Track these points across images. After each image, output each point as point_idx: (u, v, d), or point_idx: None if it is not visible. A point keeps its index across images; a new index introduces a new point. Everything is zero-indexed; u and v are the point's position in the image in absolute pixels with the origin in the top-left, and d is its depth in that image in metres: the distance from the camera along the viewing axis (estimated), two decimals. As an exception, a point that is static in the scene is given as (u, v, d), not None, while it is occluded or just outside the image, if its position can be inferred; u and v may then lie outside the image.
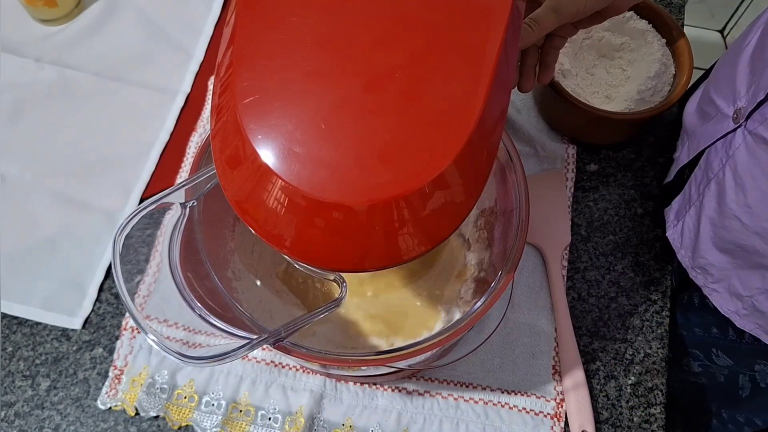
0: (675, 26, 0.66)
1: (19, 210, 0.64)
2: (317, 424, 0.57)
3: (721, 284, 0.58)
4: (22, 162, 0.67)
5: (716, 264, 0.57)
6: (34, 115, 0.69)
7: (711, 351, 0.65)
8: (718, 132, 0.56)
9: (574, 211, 0.66)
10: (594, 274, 0.64)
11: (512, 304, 0.62)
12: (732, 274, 0.56)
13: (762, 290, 0.54)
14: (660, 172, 0.68)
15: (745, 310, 0.56)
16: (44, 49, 0.72)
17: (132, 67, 0.72)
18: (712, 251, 0.57)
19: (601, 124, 0.64)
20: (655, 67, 0.65)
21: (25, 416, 0.57)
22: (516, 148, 0.49)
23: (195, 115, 0.70)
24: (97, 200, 0.65)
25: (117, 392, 0.57)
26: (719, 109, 0.57)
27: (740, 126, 0.52)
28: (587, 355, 0.60)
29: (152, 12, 0.75)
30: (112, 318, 0.61)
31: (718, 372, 0.66)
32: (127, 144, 0.68)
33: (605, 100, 0.65)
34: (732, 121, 0.54)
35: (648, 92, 0.64)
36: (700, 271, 0.59)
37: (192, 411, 0.57)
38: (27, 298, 0.61)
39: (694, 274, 0.60)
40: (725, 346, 0.63)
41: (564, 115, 0.66)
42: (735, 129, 0.53)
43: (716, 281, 0.58)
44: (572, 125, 0.67)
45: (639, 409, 0.59)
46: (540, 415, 0.58)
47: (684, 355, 0.66)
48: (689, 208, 0.59)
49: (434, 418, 0.57)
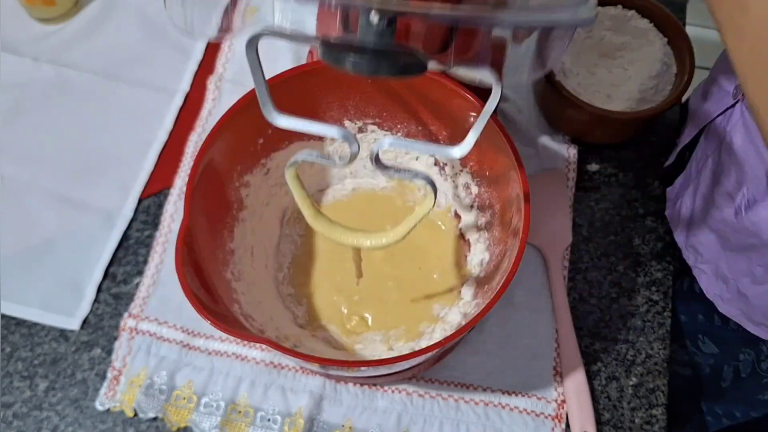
0: (676, 25, 0.66)
1: (17, 210, 0.64)
2: (317, 426, 0.57)
3: (708, 266, 0.58)
4: (20, 162, 0.66)
5: (706, 244, 0.58)
6: (32, 114, 0.69)
7: (698, 338, 0.66)
8: (717, 108, 0.56)
9: (576, 211, 0.66)
10: (595, 274, 0.63)
11: (513, 305, 0.61)
12: (720, 256, 0.57)
13: (746, 273, 0.54)
14: (662, 172, 0.68)
15: (728, 294, 0.57)
16: (42, 48, 0.72)
17: (131, 67, 0.72)
18: (704, 231, 0.58)
19: (603, 123, 0.64)
20: (656, 66, 0.64)
21: (24, 417, 0.57)
22: (517, 147, 0.48)
23: (194, 115, 0.69)
24: (95, 200, 0.65)
25: (115, 393, 0.57)
26: (721, 86, 0.57)
27: (738, 101, 0.53)
28: (588, 356, 0.60)
29: (151, 11, 0.75)
30: (110, 319, 0.60)
31: (703, 362, 0.66)
32: (126, 143, 0.68)
33: (607, 99, 0.64)
34: (731, 97, 0.54)
35: (650, 92, 0.64)
36: (691, 251, 0.60)
37: (191, 412, 0.56)
38: (25, 299, 0.60)
39: (686, 253, 0.60)
40: (711, 333, 0.64)
41: (565, 114, 0.66)
42: (734, 104, 0.53)
43: (705, 262, 0.59)
44: (574, 125, 0.67)
45: (640, 411, 0.58)
46: (541, 416, 0.57)
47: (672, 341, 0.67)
48: (688, 187, 0.60)
49: (434, 419, 0.57)
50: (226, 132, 0.49)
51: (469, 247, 0.60)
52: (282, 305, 0.58)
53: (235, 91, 0.70)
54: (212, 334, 0.59)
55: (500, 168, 0.52)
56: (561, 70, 0.65)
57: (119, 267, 0.62)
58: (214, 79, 0.70)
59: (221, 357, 0.59)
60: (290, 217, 0.61)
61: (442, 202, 0.62)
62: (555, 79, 0.63)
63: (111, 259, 0.62)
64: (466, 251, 0.60)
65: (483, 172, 0.56)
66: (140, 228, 0.64)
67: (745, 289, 0.55)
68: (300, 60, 0.72)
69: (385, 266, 0.59)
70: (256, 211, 0.58)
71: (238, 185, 0.55)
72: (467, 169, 0.58)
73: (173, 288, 0.61)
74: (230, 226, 0.54)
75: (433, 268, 0.60)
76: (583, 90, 0.65)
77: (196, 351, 0.59)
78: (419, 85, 0.51)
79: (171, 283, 0.61)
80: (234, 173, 0.54)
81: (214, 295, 0.47)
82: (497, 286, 0.46)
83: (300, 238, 0.61)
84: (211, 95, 0.70)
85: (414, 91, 0.52)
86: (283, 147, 0.57)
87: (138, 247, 0.63)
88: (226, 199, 0.54)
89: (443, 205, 0.62)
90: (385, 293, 0.59)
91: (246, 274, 0.55)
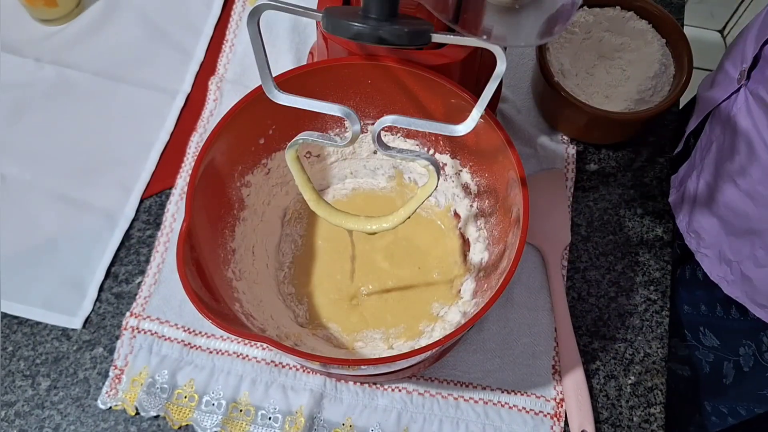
0: (675, 26, 0.66)
1: (19, 210, 0.65)
2: (317, 424, 0.57)
3: (711, 250, 0.59)
4: (22, 162, 0.67)
5: (708, 228, 0.58)
6: (34, 115, 0.69)
7: (699, 330, 0.66)
8: (723, 94, 0.56)
9: (574, 210, 0.66)
10: (594, 273, 0.64)
11: (512, 304, 0.62)
12: (723, 240, 0.57)
13: (749, 256, 0.54)
14: (660, 172, 0.68)
15: (732, 276, 0.57)
16: (44, 49, 0.72)
17: (132, 67, 0.72)
18: (706, 216, 0.58)
19: (602, 123, 0.64)
20: (654, 67, 0.65)
21: (26, 416, 0.57)
22: (516, 148, 0.49)
23: (195, 115, 0.70)
24: (97, 200, 0.65)
25: (117, 392, 0.57)
26: (727, 73, 0.58)
27: (742, 86, 0.53)
28: (587, 354, 0.60)
29: (152, 12, 0.75)
30: (112, 318, 0.61)
31: (704, 359, 0.66)
32: (127, 144, 0.68)
33: (605, 100, 0.65)
34: (736, 83, 0.54)
35: (648, 92, 0.64)
36: (693, 236, 0.60)
37: (192, 411, 0.57)
38: (27, 298, 0.61)
39: (688, 238, 0.61)
40: (712, 324, 0.64)
41: (564, 114, 0.66)
42: (738, 89, 0.54)
43: (707, 246, 0.59)
44: (573, 125, 0.67)
45: (639, 409, 0.59)
46: (540, 414, 0.58)
47: (672, 336, 0.67)
48: (692, 173, 0.60)
49: (434, 417, 0.57)
50: (227, 132, 0.50)
51: (469, 247, 0.60)
52: (283, 304, 0.58)
53: (236, 91, 0.70)
54: (213, 333, 0.60)
55: (499, 168, 0.52)
56: (560, 71, 0.65)
57: (121, 266, 0.63)
58: (215, 80, 0.71)
59: (222, 356, 0.59)
60: (291, 216, 0.62)
61: (441, 201, 0.62)
62: (554, 80, 0.63)
63: (113, 259, 0.63)
64: (466, 250, 0.60)
65: (482, 171, 0.56)
66: (142, 228, 0.64)
67: (748, 271, 0.55)
68: (300, 60, 0.72)
69: (385, 265, 0.60)
70: (257, 211, 0.58)
71: (240, 185, 0.55)
72: (467, 169, 0.58)
73: (175, 287, 0.61)
74: (231, 225, 0.55)
75: (432, 267, 0.60)
76: (581, 91, 0.65)
77: (197, 350, 0.59)
78: (419, 85, 0.51)
79: (172, 282, 0.62)
80: (235, 173, 0.54)
81: (215, 294, 0.47)
82: (496, 285, 0.46)
83: (301, 238, 0.61)
84: (212, 96, 0.70)
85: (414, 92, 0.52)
86: (283, 147, 0.57)
87: (140, 246, 0.64)
88: (228, 199, 0.54)
89: (443, 205, 0.62)
90: (384, 292, 0.59)
91: (247, 273, 0.55)
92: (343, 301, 0.59)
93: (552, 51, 0.66)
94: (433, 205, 0.62)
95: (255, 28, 0.38)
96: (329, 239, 0.61)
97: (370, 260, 0.60)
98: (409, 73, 0.50)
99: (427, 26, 0.39)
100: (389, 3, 0.38)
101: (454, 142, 0.57)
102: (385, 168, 0.63)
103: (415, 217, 0.51)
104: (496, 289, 0.45)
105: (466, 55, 0.50)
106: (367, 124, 0.58)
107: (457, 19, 0.39)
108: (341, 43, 0.50)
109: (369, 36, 0.37)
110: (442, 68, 0.49)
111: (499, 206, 0.54)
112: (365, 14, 0.38)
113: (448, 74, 0.50)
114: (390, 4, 0.38)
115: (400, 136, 0.59)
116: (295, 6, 0.39)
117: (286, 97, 0.41)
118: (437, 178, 0.43)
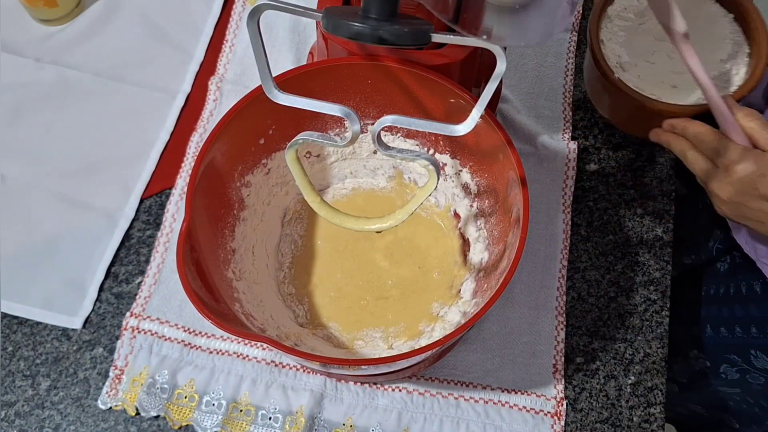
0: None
1: (19, 210, 0.65)
2: (318, 424, 0.57)
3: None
4: (22, 162, 0.67)
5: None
6: (35, 115, 0.69)
7: (750, 353, 0.63)
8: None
9: (574, 210, 0.66)
10: (594, 273, 0.64)
11: (512, 303, 0.62)
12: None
13: None
14: (660, 172, 0.68)
15: None
16: (44, 49, 0.72)
17: (132, 67, 0.72)
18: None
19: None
20: (725, 47, 0.56)
21: (26, 416, 0.57)
22: (516, 147, 0.49)
23: (195, 115, 0.70)
24: (97, 200, 0.65)
25: (117, 392, 0.57)
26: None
27: None
28: (587, 354, 0.60)
29: (152, 12, 0.75)
30: (112, 318, 0.61)
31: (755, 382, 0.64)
32: (128, 144, 0.68)
33: (673, 90, 0.56)
34: None
35: (722, 77, 0.56)
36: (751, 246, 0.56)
37: (192, 411, 0.57)
38: (27, 298, 0.61)
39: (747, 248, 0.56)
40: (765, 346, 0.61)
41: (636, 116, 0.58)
42: None
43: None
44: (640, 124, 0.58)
45: (639, 409, 0.59)
46: (540, 413, 0.58)
47: (721, 362, 0.65)
48: None
49: (435, 417, 0.57)
50: (227, 132, 0.50)
51: (469, 246, 0.60)
52: (283, 304, 0.58)
53: (236, 91, 0.70)
54: (213, 333, 0.60)
55: (499, 168, 0.52)
56: (617, 64, 0.58)
57: (121, 266, 0.63)
58: (215, 80, 0.71)
59: (222, 356, 0.59)
60: (291, 216, 0.62)
61: (441, 201, 0.62)
62: (614, 76, 0.56)
63: (113, 259, 0.63)
64: (466, 250, 0.60)
65: (482, 171, 0.56)
66: (142, 228, 0.64)
67: None
68: (300, 60, 0.72)
69: (386, 265, 0.60)
70: (257, 211, 0.58)
71: (240, 185, 0.55)
72: (467, 169, 0.58)
73: (175, 287, 0.61)
74: (231, 225, 0.55)
75: (432, 267, 0.60)
76: (645, 84, 0.57)
77: (197, 350, 0.59)
78: (419, 85, 0.51)
79: (172, 282, 0.62)
80: (235, 173, 0.54)
81: (216, 294, 0.47)
82: (496, 285, 0.46)
83: (301, 238, 0.61)
84: (212, 96, 0.70)
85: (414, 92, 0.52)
86: (283, 147, 0.57)
87: (140, 246, 0.64)
88: (228, 199, 0.54)
89: (443, 205, 0.62)
90: (385, 292, 0.59)
91: (247, 273, 0.56)
92: (342, 300, 0.59)
93: (606, 43, 0.58)
94: (433, 205, 0.62)
95: (255, 28, 0.38)
96: (329, 239, 0.61)
97: (370, 260, 0.60)
98: (409, 73, 0.50)
99: (427, 26, 0.39)
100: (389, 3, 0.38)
101: (454, 142, 0.57)
102: (385, 168, 0.63)
103: (415, 216, 0.51)
104: (496, 289, 0.45)
105: (466, 55, 0.50)
106: (367, 124, 0.57)
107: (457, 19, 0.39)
108: (341, 43, 0.50)
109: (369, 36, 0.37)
110: (442, 68, 0.50)
111: (499, 206, 0.54)
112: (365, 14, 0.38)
113: (448, 74, 0.50)
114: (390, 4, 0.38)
115: (400, 136, 0.59)
116: (295, 6, 0.39)
117: (286, 97, 0.41)
118: (437, 178, 0.43)
